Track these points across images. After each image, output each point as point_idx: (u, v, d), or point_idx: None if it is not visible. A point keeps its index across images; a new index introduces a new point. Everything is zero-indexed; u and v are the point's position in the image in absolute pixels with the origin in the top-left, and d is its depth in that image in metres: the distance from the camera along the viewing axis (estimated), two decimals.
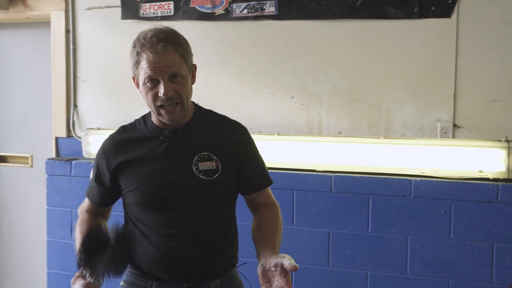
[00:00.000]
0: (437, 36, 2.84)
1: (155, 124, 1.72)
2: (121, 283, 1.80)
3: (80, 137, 3.54)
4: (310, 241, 2.97)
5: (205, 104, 1.83)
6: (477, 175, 2.74)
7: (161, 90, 1.57)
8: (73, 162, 3.51)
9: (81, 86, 3.58)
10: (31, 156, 3.94)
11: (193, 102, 1.78)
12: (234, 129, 1.79)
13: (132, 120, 1.88)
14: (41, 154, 3.84)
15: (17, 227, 4.01)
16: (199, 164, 1.65)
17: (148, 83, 1.59)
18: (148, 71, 1.56)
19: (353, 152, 2.90)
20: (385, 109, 2.95)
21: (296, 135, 3.06)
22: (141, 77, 1.60)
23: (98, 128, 3.46)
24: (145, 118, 1.79)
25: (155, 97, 1.59)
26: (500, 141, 2.70)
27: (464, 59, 2.82)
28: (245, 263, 1.86)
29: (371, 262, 2.87)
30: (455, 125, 2.84)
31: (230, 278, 1.79)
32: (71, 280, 1.57)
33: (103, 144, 1.80)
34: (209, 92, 3.24)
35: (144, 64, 1.57)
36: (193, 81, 1.70)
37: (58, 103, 3.60)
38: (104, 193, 1.79)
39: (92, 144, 3.43)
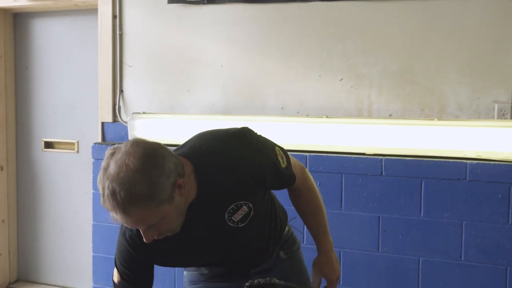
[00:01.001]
0: (494, 13, 2.73)
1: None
2: (184, 272, 1.93)
3: (126, 122, 3.56)
4: (359, 226, 2.90)
5: (252, 88, 1.76)
6: None
7: (143, 238, 1.42)
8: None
9: (127, 71, 3.60)
10: (77, 142, 3.99)
11: (189, 162, 1.49)
12: (243, 172, 1.55)
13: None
14: (87, 139, 3.88)
15: (63, 212, 4.07)
16: (232, 217, 1.55)
17: None
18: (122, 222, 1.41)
19: (404, 134, 2.82)
20: (438, 90, 2.86)
21: (345, 117, 2.99)
22: None
23: (144, 113, 3.47)
24: None
25: None
26: None
27: None
28: (294, 218, 1.92)
29: (423, 248, 2.78)
30: None
31: (285, 239, 1.89)
32: None
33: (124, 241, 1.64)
34: (255, 76, 3.21)
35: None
36: (182, 194, 1.42)
37: (105, 89, 3.62)
38: (139, 278, 1.67)
39: (138, 129, 3.44)
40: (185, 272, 1.92)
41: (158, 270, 1.69)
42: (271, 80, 3.20)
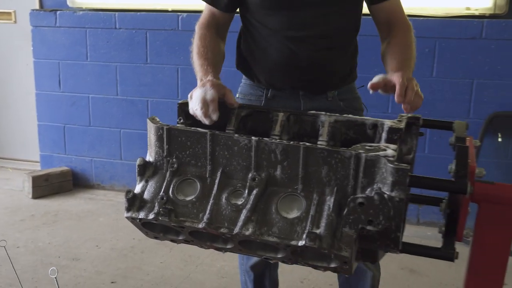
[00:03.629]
0: None
1: None
2: (237, 95, 1.72)
3: None
4: None
5: None
6: (464, 12, 2.75)
7: None
8: (58, 12, 3.45)
9: None
10: (14, 12, 3.86)
11: None
12: None
13: None
14: (24, 9, 3.75)
15: (5, 85, 4.02)
16: None
17: None
18: None
19: None
20: None
21: None
22: None
23: None
24: None
25: None
26: None
27: None
28: (362, 86, 1.68)
29: None
30: None
31: (349, 91, 1.68)
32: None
33: None
34: None
35: None
36: None
37: None
38: None
39: None
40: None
41: None
42: None
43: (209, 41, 1.53)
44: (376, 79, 1.30)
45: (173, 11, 3.24)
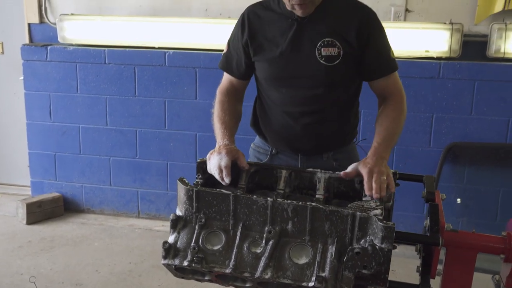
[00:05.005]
0: None
1: (286, 8, 1.72)
2: (252, 145, 2.00)
3: (53, 23, 3.65)
4: None
5: None
6: (424, 55, 3.12)
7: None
8: (49, 47, 3.65)
9: None
10: (2, 43, 4.02)
11: None
12: (359, 14, 1.73)
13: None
14: (12, 40, 3.93)
15: None
16: (322, 49, 1.69)
17: None
18: None
19: None
20: None
21: None
22: None
23: (72, 14, 3.57)
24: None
25: None
26: (444, 23, 3.05)
27: None
28: (365, 139, 1.94)
29: None
30: (407, 10, 3.17)
31: (343, 151, 1.88)
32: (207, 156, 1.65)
33: (241, 16, 1.82)
34: None
35: None
36: None
37: None
38: (240, 62, 1.83)
39: (67, 30, 3.57)
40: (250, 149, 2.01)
41: None
42: None
43: (227, 106, 1.84)
44: (349, 169, 1.59)
45: (160, 48, 3.49)
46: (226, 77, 1.90)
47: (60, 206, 3.82)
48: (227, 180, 1.59)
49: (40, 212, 3.68)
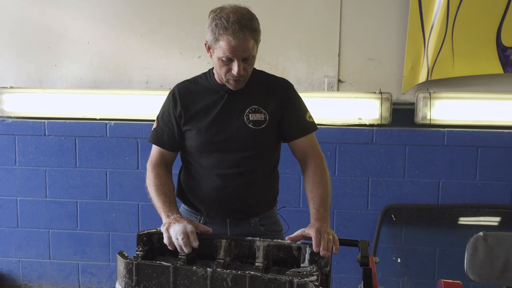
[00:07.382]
0: (325, 5, 3.32)
1: (216, 81, 1.92)
2: (182, 205, 2.06)
3: None
4: None
5: (118, 64, 1.99)
6: (357, 122, 3.29)
7: (235, 69, 1.77)
8: None
9: None
10: None
11: None
12: (280, 86, 1.96)
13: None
14: None
15: None
16: (250, 115, 1.88)
17: (223, 59, 1.78)
18: (227, 53, 1.74)
19: None
20: (281, 66, 3.40)
21: None
22: (218, 53, 1.78)
23: (11, 87, 3.56)
24: (207, 75, 1.98)
25: (227, 71, 1.80)
26: (375, 93, 3.25)
27: (347, 24, 3.32)
28: (284, 207, 2.16)
29: None
30: (339, 80, 3.36)
31: (268, 216, 2.04)
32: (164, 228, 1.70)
33: (171, 92, 1.98)
34: (121, 52, 3.49)
35: (223, 45, 1.74)
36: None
37: None
38: (172, 134, 1.96)
39: (6, 102, 3.54)
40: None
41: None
42: (136, 57, 3.51)
43: (165, 179, 1.93)
44: (296, 233, 1.70)
45: (101, 119, 3.52)
46: (156, 151, 2.01)
47: None
48: (195, 244, 1.65)
49: None
